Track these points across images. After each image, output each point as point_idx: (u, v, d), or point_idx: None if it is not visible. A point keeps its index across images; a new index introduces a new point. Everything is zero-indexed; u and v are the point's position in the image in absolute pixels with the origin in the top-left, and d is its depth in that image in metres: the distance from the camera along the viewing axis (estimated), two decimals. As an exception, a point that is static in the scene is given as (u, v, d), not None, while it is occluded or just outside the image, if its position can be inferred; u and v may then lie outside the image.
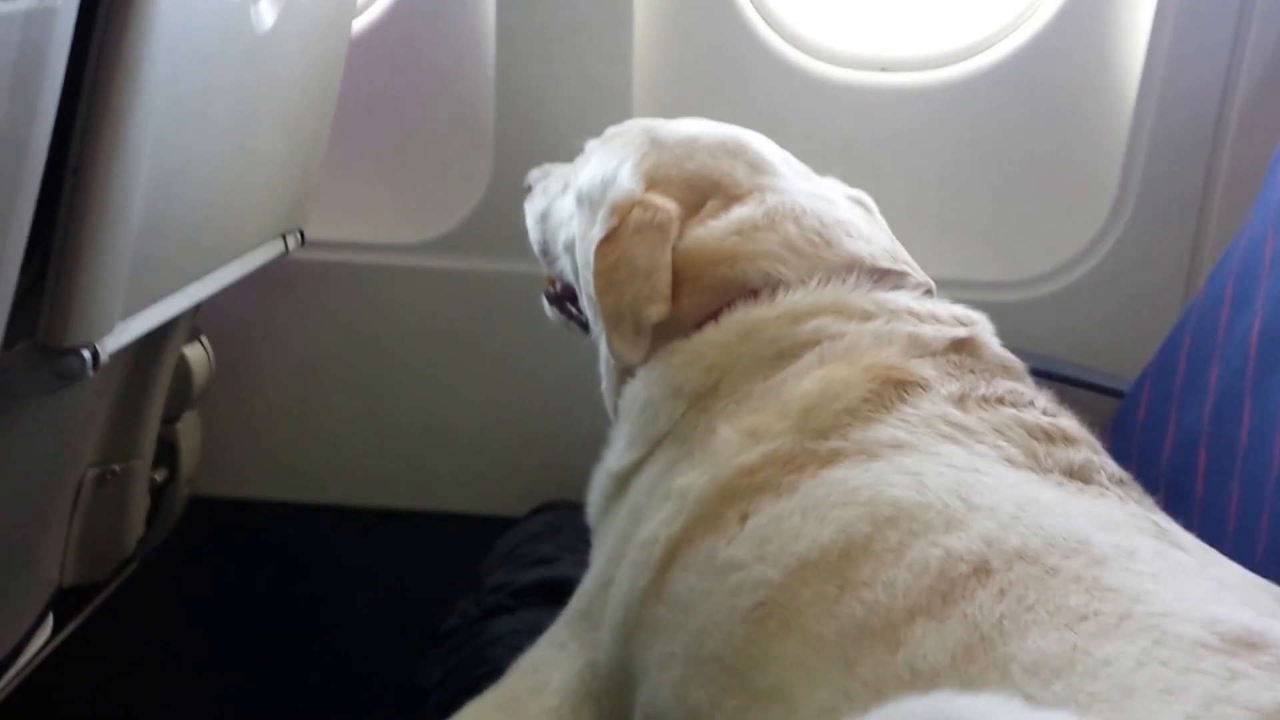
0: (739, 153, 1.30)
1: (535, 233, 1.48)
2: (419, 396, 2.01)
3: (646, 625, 1.04)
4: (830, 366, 1.08)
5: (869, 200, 1.36)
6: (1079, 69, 1.89)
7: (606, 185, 1.30)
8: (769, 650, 0.90)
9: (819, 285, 1.17)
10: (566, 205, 1.38)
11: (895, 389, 1.04)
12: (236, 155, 1.46)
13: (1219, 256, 1.55)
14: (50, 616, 1.61)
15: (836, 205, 1.27)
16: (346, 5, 1.74)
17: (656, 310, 1.18)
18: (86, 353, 1.14)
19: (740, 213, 1.23)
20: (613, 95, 1.85)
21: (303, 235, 1.83)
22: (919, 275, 1.25)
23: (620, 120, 1.45)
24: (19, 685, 1.52)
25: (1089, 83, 1.89)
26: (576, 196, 1.35)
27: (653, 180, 1.27)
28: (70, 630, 1.65)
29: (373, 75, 1.96)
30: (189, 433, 1.87)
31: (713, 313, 1.19)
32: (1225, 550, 0.96)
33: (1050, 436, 1.02)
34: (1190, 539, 0.95)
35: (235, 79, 1.36)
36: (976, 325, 1.17)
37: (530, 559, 1.66)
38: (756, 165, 1.29)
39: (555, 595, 1.33)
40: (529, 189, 1.52)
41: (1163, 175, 1.85)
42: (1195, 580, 0.83)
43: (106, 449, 1.60)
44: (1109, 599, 0.79)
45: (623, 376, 1.25)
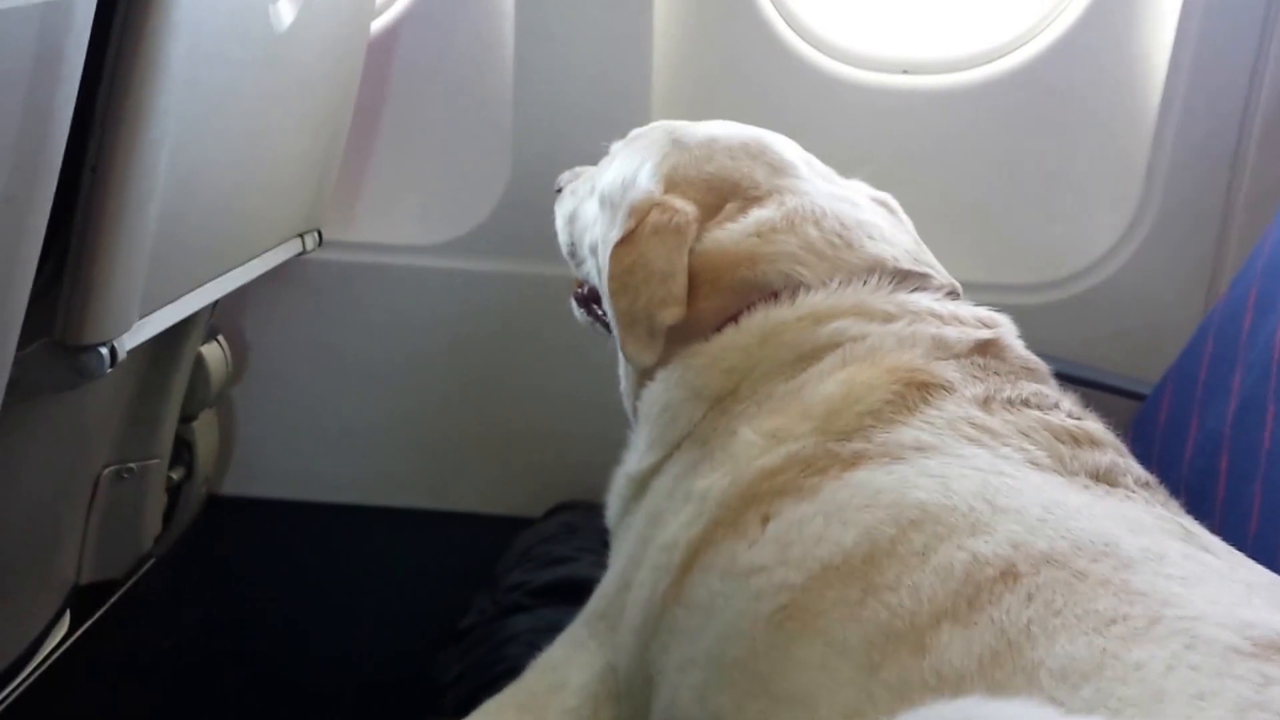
0: (760, 154, 1.29)
1: (564, 235, 1.46)
2: (436, 397, 2.01)
3: (666, 628, 1.03)
4: (852, 368, 1.07)
5: (893, 202, 1.35)
6: (1103, 72, 1.88)
7: (626, 187, 1.29)
8: (791, 655, 0.88)
9: (840, 287, 1.16)
10: (592, 207, 1.37)
11: (918, 391, 1.03)
12: (255, 154, 1.46)
13: (1242, 261, 1.54)
14: (67, 613, 1.61)
15: (858, 207, 1.26)
16: (364, 4, 1.74)
17: (671, 314, 1.17)
18: (104, 350, 1.15)
19: (759, 214, 1.22)
20: (631, 97, 1.84)
21: (320, 235, 1.83)
22: (943, 277, 1.24)
23: (639, 123, 1.44)
24: (36, 681, 1.53)
25: (1112, 86, 1.88)
26: (599, 198, 1.35)
27: (671, 182, 1.26)
28: (87, 627, 1.65)
29: (391, 76, 1.96)
30: (206, 432, 1.88)
31: (732, 315, 1.18)
32: (1247, 554, 0.94)
33: (1076, 439, 1.00)
34: (1217, 542, 0.93)
35: (254, 77, 1.36)
36: (1000, 327, 1.16)
37: (547, 559, 1.65)
38: (777, 167, 1.28)
39: (572, 595, 1.32)
40: (559, 191, 1.50)
41: (1186, 179, 1.84)
42: (1225, 584, 0.82)
43: (124, 447, 1.60)
44: (1138, 603, 0.78)
45: (642, 379, 1.24)
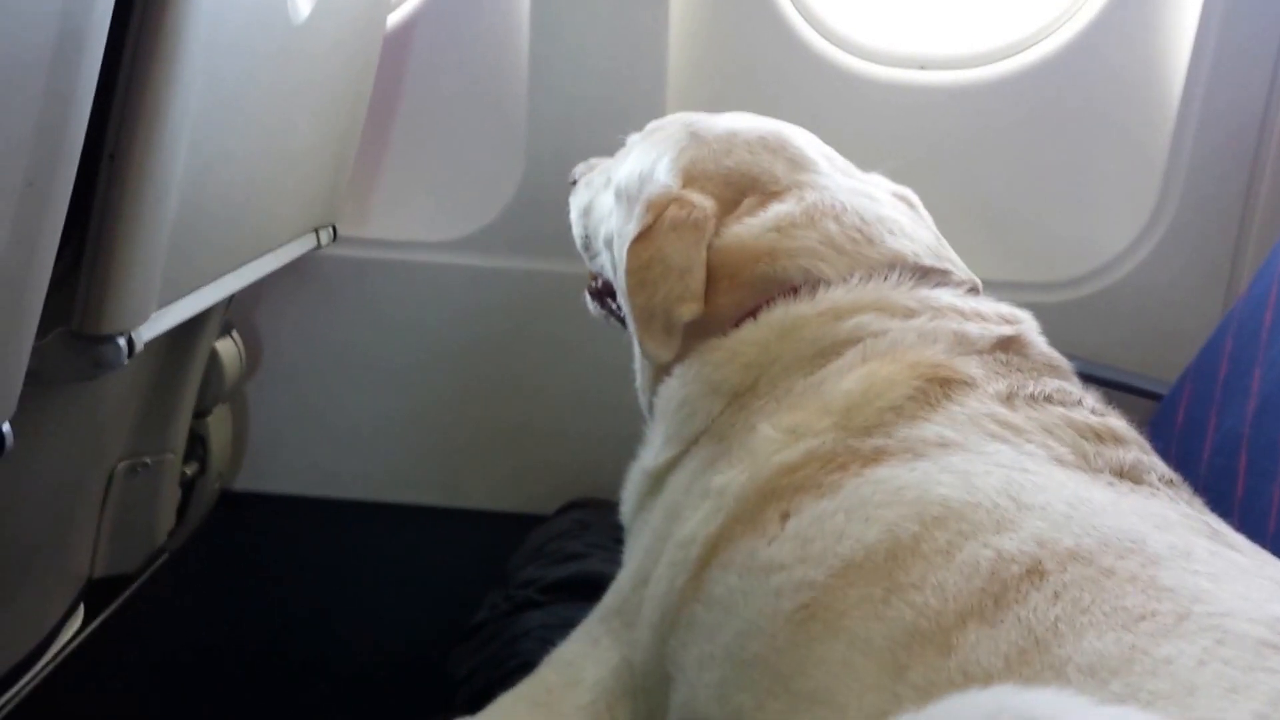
0: (779, 149, 1.28)
1: (578, 227, 1.45)
2: (449, 394, 2.01)
3: (684, 625, 1.02)
4: (873, 364, 1.06)
5: (914, 196, 1.34)
6: (1122, 68, 1.86)
7: (644, 180, 1.28)
8: (813, 653, 0.87)
9: (860, 282, 1.15)
10: (608, 200, 1.36)
11: (941, 387, 1.02)
12: (272, 147, 1.45)
13: (1261, 259, 1.53)
14: (81, 607, 1.61)
15: (879, 202, 1.25)
16: (380, -1, 1.74)
17: (689, 310, 1.16)
18: (122, 341, 1.14)
19: (779, 209, 1.21)
20: (647, 94, 1.83)
21: (335, 230, 1.83)
22: (964, 273, 1.23)
23: (654, 118, 1.43)
24: (50, 675, 1.53)
25: (1131, 82, 1.86)
26: (615, 191, 1.33)
27: (690, 176, 1.25)
28: (100, 621, 1.65)
29: (406, 72, 1.95)
30: (220, 427, 1.87)
31: (751, 310, 1.17)
32: (1265, 552, 0.94)
33: (1099, 436, 0.99)
34: (1242, 539, 0.92)
35: (271, 69, 1.36)
36: (1022, 323, 1.15)
37: (559, 555, 1.65)
38: (796, 161, 1.27)
39: (585, 591, 1.32)
40: (573, 183, 1.49)
41: (1206, 176, 1.83)
42: (1253, 580, 0.81)
43: (138, 442, 1.60)
44: (1166, 599, 0.77)
45: (658, 374, 1.23)
